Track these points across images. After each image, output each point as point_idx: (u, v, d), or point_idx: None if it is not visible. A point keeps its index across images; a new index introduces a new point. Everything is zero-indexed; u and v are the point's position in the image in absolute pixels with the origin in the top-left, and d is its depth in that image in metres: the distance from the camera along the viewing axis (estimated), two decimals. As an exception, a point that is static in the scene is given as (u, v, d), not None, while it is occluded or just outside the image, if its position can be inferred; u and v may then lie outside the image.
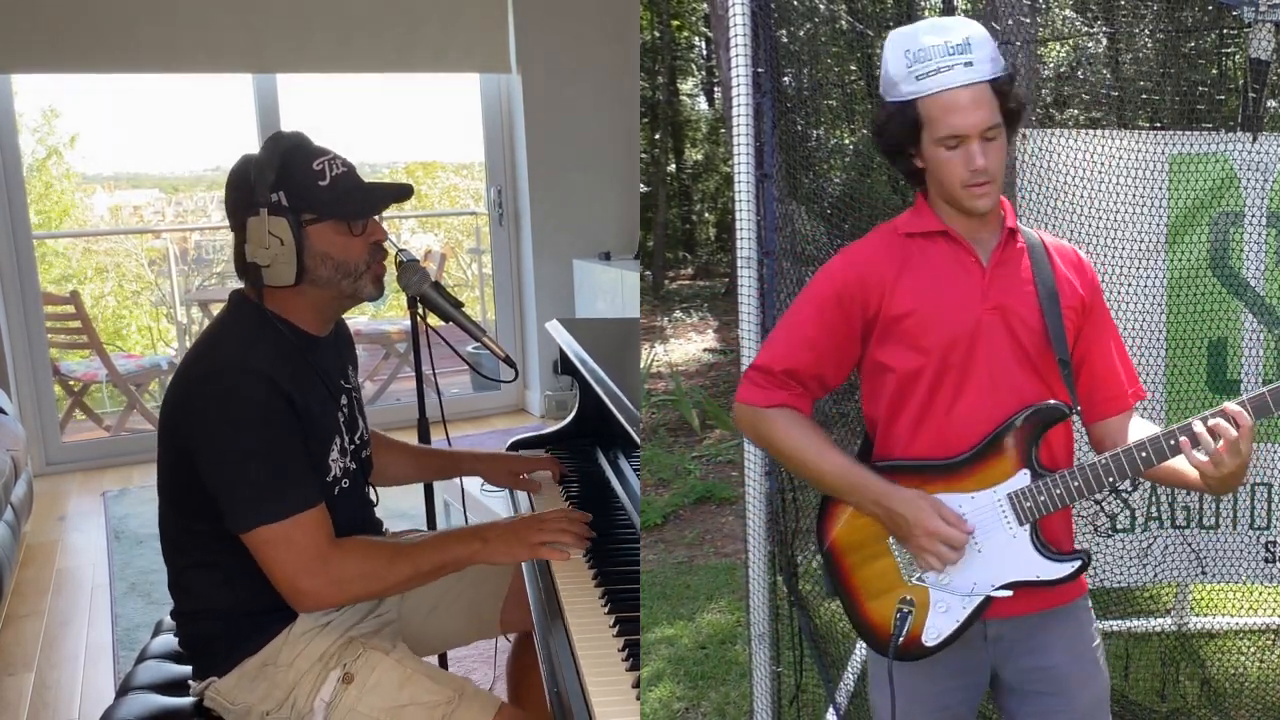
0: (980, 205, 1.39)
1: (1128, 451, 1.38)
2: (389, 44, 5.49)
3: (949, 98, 1.35)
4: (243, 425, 1.57)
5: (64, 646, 3.37)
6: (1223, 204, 2.12)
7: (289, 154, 1.66)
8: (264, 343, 1.65)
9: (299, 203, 1.64)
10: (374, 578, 1.63)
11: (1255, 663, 2.49)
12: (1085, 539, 2.22)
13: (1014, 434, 1.41)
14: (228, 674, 1.70)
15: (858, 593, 1.50)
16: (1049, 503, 1.40)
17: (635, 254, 5.85)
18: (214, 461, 1.58)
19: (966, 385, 1.41)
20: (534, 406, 6.09)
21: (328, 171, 1.67)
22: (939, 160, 1.38)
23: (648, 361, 6.63)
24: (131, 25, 4.92)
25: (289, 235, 1.63)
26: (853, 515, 1.49)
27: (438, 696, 1.66)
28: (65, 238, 9.01)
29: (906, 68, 1.36)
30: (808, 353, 1.46)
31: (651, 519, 4.25)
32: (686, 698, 2.86)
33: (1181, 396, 2.19)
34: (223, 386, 1.58)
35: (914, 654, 1.46)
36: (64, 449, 5.26)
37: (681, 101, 10.57)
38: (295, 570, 1.57)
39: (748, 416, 1.50)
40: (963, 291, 1.42)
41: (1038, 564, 1.42)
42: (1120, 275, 2.14)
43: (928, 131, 1.37)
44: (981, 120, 1.35)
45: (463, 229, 9.37)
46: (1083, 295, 1.46)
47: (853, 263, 1.47)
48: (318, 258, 1.67)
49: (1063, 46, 2.59)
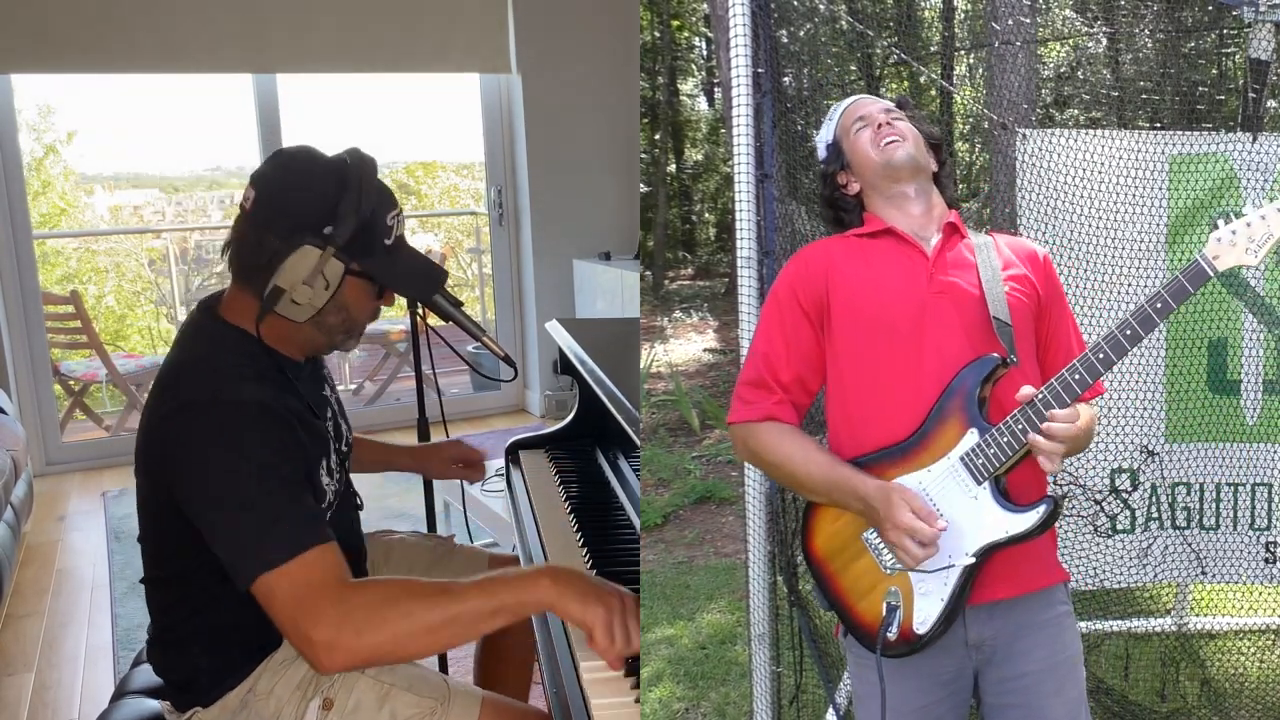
0: (897, 154, 1.52)
1: (1060, 378, 1.37)
2: (389, 44, 5.49)
3: (855, 104, 1.60)
4: (240, 463, 1.41)
5: (64, 647, 3.37)
6: (1223, 204, 2.12)
7: (377, 196, 1.54)
8: (249, 366, 1.53)
9: (359, 251, 1.53)
10: (402, 623, 1.34)
11: (1255, 663, 2.49)
12: (1085, 539, 2.22)
13: (955, 398, 1.42)
14: (211, 706, 1.62)
15: (846, 597, 1.51)
16: (999, 453, 1.40)
17: (635, 254, 5.85)
18: (208, 503, 1.43)
19: (917, 366, 1.44)
20: (534, 406, 6.09)
21: (395, 230, 1.57)
22: (853, 144, 1.57)
23: (648, 361, 6.63)
24: (131, 25, 4.92)
25: (335, 282, 1.51)
26: (827, 522, 1.52)
27: (419, 709, 1.60)
28: (65, 238, 9.01)
29: (827, 122, 1.63)
30: (780, 352, 1.52)
31: (651, 519, 4.25)
32: (686, 698, 2.86)
33: (1181, 396, 2.19)
34: (217, 420, 1.43)
35: (910, 647, 1.46)
36: (64, 449, 5.26)
37: (681, 101, 10.57)
38: (303, 620, 1.34)
39: (740, 436, 1.55)
40: (909, 278, 1.48)
41: (1003, 519, 1.41)
42: (1120, 275, 2.14)
43: (844, 141, 1.58)
44: (882, 106, 1.57)
45: (463, 229, 9.38)
46: (1032, 278, 1.51)
47: (801, 259, 1.56)
48: (338, 308, 1.57)
49: (1063, 46, 2.59)
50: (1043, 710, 1.45)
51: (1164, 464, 2.20)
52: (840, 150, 1.60)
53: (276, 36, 5.22)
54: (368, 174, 1.55)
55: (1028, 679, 1.46)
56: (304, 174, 1.55)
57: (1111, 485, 2.21)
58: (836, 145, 1.61)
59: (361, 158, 1.57)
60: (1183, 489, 2.22)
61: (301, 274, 1.49)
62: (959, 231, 1.52)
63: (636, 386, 2.00)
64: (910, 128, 1.55)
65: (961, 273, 1.48)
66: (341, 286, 1.53)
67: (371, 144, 1.62)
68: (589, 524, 2.00)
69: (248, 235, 1.55)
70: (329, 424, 1.72)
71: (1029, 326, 1.49)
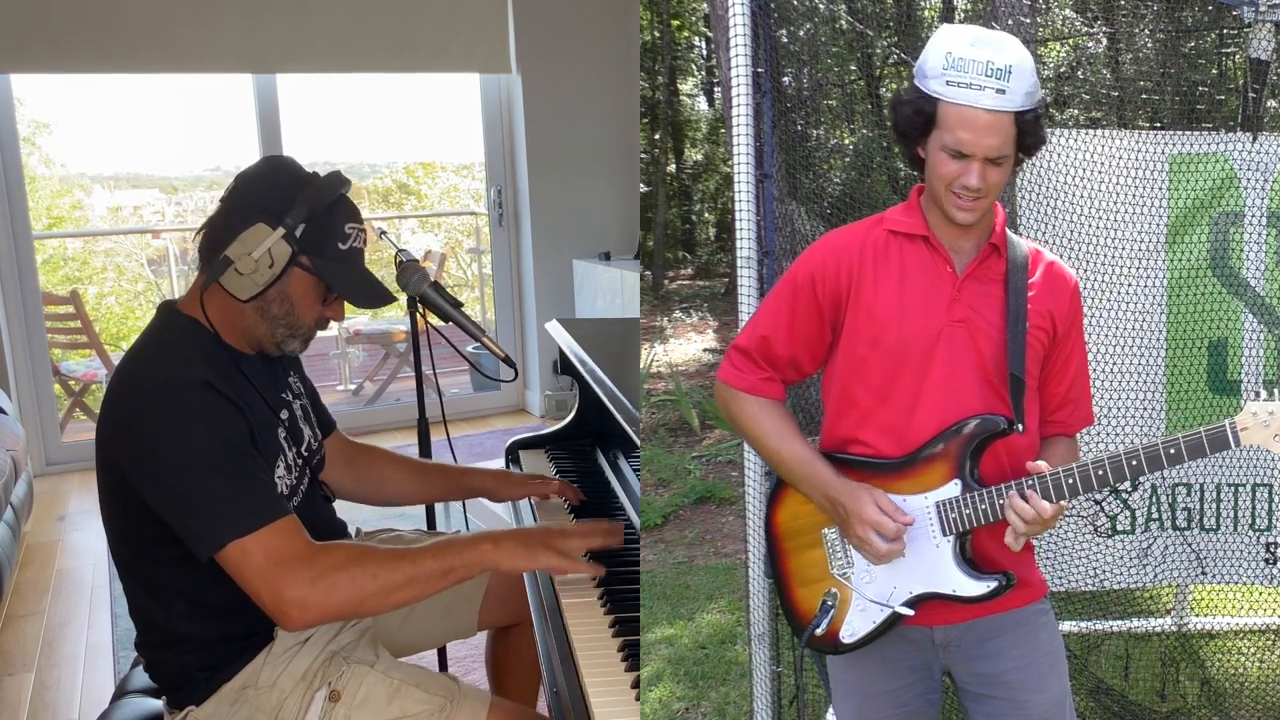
0: (960, 217, 1.40)
1: (1055, 476, 1.37)
2: (389, 44, 5.49)
3: (968, 114, 1.35)
4: (192, 439, 1.46)
5: (64, 646, 3.37)
6: (1223, 204, 2.12)
7: (337, 203, 1.62)
8: (197, 352, 1.58)
9: (310, 246, 1.59)
10: (365, 575, 1.47)
11: (1255, 663, 2.49)
12: (1085, 539, 2.23)
13: (951, 443, 1.41)
14: (205, 702, 1.62)
15: (790, 578, 1.55)
16: (973, 516, 1.41)
17: (635, 254, 5.85)
18: (165, 484, 1.47)
19: (921, 390, 1.43)
20: (534, 406, 6.09)
21: (352, 240, 1.64)
22: (937, 161, 1.39)
23: (648, 361, 6.63)
24: (131, 25, 4.92)
25: (280, 265, 1.57)
26: (796, 503, 1.53)
27: (429, 705, 1.62)
28: (65, 238, 9.02)
29: (942, 69, 1.36)
30: (782, 334, 1.50)
31: (651, 519, 4.25)
32: (686, 698, 2.86)
33: (1182, 397, 2.19)
34: (163, 401, 1.48)
35: (830, 649, 1.51)
36: (64, 449, 5.27)
37: (681, 101, 10.57)
38: (278, 581, 1.43)
39: (724, 395, 1.56)
40: (931, 299, 1.43)
41: (955, 578, 1.42)
42: (1120, 275, 2.14)
43: (938, 132, 1.38)
44: (990, 148, 1.35)
45: (463, 229, 9.38)
46: (1055, 322, 1.46)
47: (831, 248, 1.49)
48: (281, 297, 1.61)
49: (1063, 46, 2.59)
50: (1024, 705, 1.46)
51: (1164, 464, 2.20)
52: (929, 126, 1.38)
53: (276, 36, 5.22)
54: (335, 183, 1.63)
55: (1006, 675, 1.47)
56: (277, 172, 1.64)
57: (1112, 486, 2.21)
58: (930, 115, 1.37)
59: (338, 174, 1.65)
60: (1183, 489, 2.22)
61: (249, 247, 1.56)
62: (998, 253, 1.44)
63: (636, 386, 2.00)
64: (1001, 179, 1.39)
65: (987, 304, 1.43)
66: (287, 274, 1.59)
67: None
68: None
69: (217, 218, 1.63)
70: (282, 423, 1.73)
71: (1038, 368, 1.47)
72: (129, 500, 1.52)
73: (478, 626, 2.06)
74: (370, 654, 1.71)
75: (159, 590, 1.60)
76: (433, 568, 1.52)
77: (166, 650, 1.64)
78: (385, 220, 9.80)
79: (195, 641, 1.61)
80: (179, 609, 1.60)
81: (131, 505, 1.52)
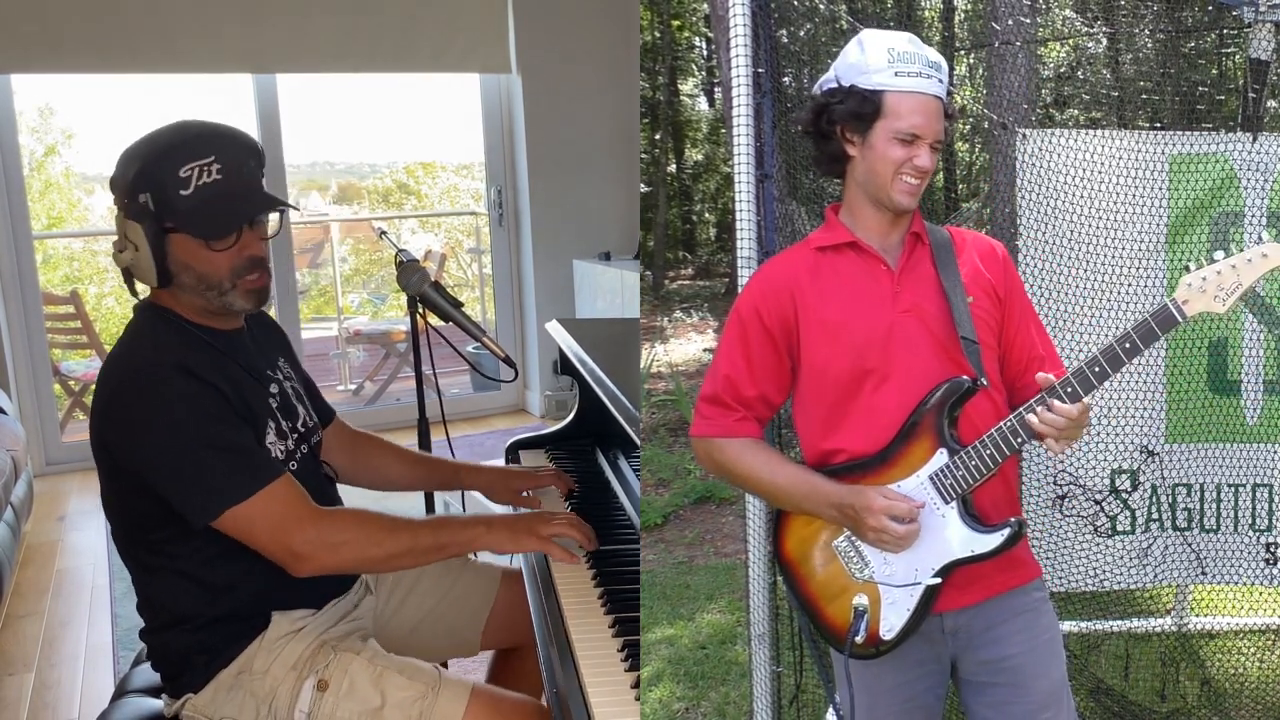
0: (905, 201, 1.46)
1: (1027, 405, 1.41)
2: (389, 44, 5.49)
3: (922, 101, 1.44)
4: (177, 418, 1.53)
5: (64, 646, 3.37)
6: (1223, 204, 2.12)
7: (161, 154, 1.58)
8: (170, 337, 1.62)
9: (161, 209, 1.58)
10: (370, 543, 1.60)
11: (1255, 663, 2.49)
12: (1085, 540, 2.22)
13: (925, 416, 1.45)
14: (203, 690, 1.67)
15: (817, 600, 1.55)
16: (968, 476, 1.44)
17: (635, 254, 5.85)
18: (159, 463, 1.54)
19: (886, 384, 1.46)
20: (534, 407, 6.09)
21: (194, 180, 1.57)
22: (884, 149, 1.44)
23: (648, 361, 6.63)
24: (131, 25, 4.92)
25: (144, 242, 1.58)
26: (799, 528, 1.55)
27: (411, 692, 1.65)
28: (65, 238, 9.01)
29: (888, 63, 1.44)
30: (743, 370, 1.53)
31: (651, 519, 4.25)
32: (686, 698, 2.86)
33: (1182, 397, 2.19)
34: (143, 387, 1.54)
35: (877, 650, 1.50)
36: (64, 449, 5.27)
37: (681, 101, 10.57)
38: (286, 529, 1.54)
39: (703, 449, 1.57)
40: (875, 297, 1.48)
41: (970, 539, 1.45)
42: (1120, 275, 2.13)
43: (885, 122, 1.44)
44: (938, 131, 1.45)
45: (463, 229, 9.38)
46: (992, 280, 1.51)
47: (766, 277, 1.55)
48: (179, 266, 1.61)
49: (1063, 46, 2.59)
50: (1028, 690, 1.49)
51: (1164, 464, 2.20)
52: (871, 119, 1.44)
53: (276, 36, 5.22)
54: (153, 135, 1.61)
55: (1010, 660, 1.50)
56: (121, 164, 1.62)
57: (1112, 486, 2.21)
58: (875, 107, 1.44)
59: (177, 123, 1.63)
60: (1183, 490, 2.22)
61: (119, 244, 1.63)
62: (921, 240, 1.52)
63: (636, 386, 2.00)
64: (935, 163, 1.48)
65: (926, 288, 1.49)
66: (166, 246, 1.60)
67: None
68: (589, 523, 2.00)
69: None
70: (273, 395, 1.75)
71: (994, 337, 1.51)
72: (126, 488, 1.60)
73: (480, 646, 2.07)
74: (358, 643, 1.74)
75: (158, 569, 1.66)
76: (429, 541, 1.64)
77: (167, 632, 1.69)
78: (385, 220, 9.81)
79: (194, 621, 1.66)
80: (181, 588, 1.65)
81: (128, 490, 1.60)
